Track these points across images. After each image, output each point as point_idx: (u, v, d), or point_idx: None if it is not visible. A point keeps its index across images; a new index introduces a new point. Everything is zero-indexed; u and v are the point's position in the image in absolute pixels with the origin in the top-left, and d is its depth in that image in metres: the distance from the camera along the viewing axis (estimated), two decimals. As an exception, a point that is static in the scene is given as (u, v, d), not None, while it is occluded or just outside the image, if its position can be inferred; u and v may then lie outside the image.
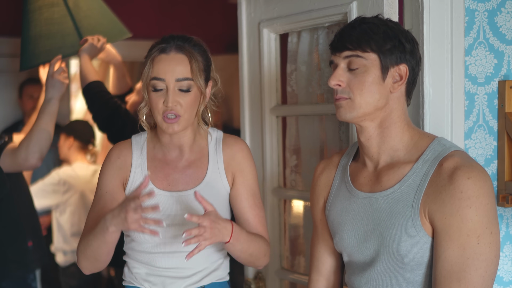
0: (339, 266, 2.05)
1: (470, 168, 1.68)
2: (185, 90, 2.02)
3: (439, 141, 1.80)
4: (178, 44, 2.04)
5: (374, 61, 1.77)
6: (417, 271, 1.75)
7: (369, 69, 1.77)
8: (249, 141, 2.73)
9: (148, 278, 2.11)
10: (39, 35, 3.15)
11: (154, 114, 2.05)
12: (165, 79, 2.01)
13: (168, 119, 2.01)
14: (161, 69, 2.01)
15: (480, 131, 2.13)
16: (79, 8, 3.23)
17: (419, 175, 1.75)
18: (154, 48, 2.06)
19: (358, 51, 1.77)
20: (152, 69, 2.03)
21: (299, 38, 2.57)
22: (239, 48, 2.73)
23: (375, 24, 1.78)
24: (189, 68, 2.02)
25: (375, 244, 1.81)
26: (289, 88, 2.64)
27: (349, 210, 1.89)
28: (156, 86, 2.02)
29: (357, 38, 1.77)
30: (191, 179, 2.10)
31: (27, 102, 4.88)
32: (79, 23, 3.20)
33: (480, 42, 2.11)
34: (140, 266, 2.12)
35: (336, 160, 2.03)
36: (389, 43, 1.76)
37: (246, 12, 2.69)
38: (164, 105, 2.00)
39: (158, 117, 2.03)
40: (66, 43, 3.16)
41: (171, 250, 2.06)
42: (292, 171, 2.68)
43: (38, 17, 3.15)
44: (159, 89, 2.01)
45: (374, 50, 1.76)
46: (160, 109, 2.01)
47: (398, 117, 1.82)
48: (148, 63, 2.05)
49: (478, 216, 1.65)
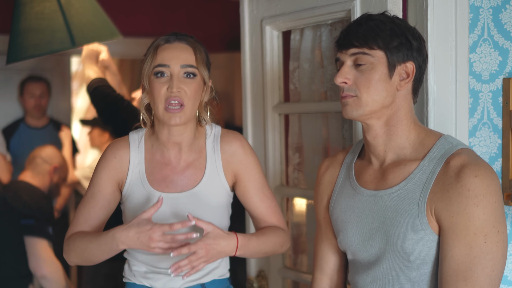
0: (342, 265, 2.03)
1: (477, 166, 1.67)
2: (190, 76, 2.00)
3: (445, 139, 1.79)
4: (181, 37, 2.03)
5: (381, 59, 1.75)
6: (423, 269, 1.74)
7: (375, 67, 1.75)
8: (251, 139, 2.72)
9: (148, 275, 2.11)
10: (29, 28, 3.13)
11: (156, 104, 2.00)
12: (169, 65, 1.98)
13: (172, 109, 1.97)
14: (165, 55, 1.99)
15: (485, 129, 2.12)
16: (70, 5, 3.21)
17: (426, 173, 1.74)
18: (155, 41, 2.05)
19: (364, 48, 1.75)
20: (155, 57, 2.00)
21: (302, 35, 2.55)
22: (242, 45, 2.71)
23: (382, 21, 1.77)
24: (194, 57, 2.01)
25: (380, 242, 1.80)
26: (292, 85, 2.63)
27: (354, 208, 1.88)
28: (160, 72, 1.98)
29: (364, 35, 1.75)
30: (190, 181, 2.08)
31: (29, 101, 4.88)
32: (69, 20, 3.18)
33: (485, 39, 2.10)
34: (140, 265, 2.12)
35: (340, 158, 2.02)
36: (396, 40, 1.75)
37: (248, 9, 2.67)
38: (168, 91, 1.97)
39: (159, 106, 1.98)
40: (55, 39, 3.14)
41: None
42: (294, 169, 2.66)
43: (29, 10, 3.14)
44: (163, 75, 1.98)
45: (381, 47, 1.75)
46: (163, 96, 1.97)
47: (404, 115, 1.80)
48: (151, 53, 2.01)
49: (485, 215, 1.64)
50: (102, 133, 4.87)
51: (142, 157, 2.09)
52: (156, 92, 1.98)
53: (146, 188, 2.07)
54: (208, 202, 2.08)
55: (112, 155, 2.10)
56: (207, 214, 2.05)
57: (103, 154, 2.12)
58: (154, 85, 1.99)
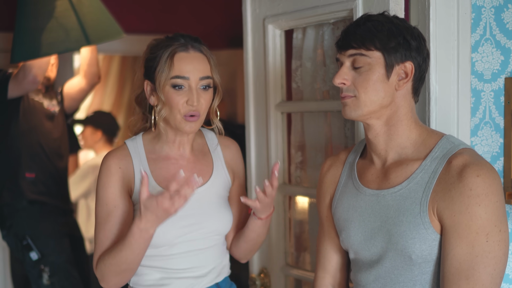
0: (345, 264, 2.05)
1: (479, 165, 1.68)
2: (207, 88, 2.00)
3: (447, 139, 1.80)
4: (193, 44, 2.01)
5: (379, 59, 1.76)
6: (425, 268, 1.75)
7: (373, 67, 1.76)
8: (254, 138, 2.72)
9: (163, 282, 2.05)
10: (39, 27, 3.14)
11: (173, 114, 1.98)
12: (189, 78, 1.96)
13: (190, 117, 1.97)
14: (183, 67, 1.96)
15: (486, 128, 2.12)
16: (81, 3, 3.23)
17: (428, 172, 1.75)
18: (166, 46, 1.99)
19: (362, 50, 1.76)
20: (172, 67, 1.96)
21: (304, 34, 2.56)
22: (244, 44, 2.72)
23: (380, 22, 1.77)
24: (209, 67, 2.01)
25: (382, 241, 1.81)
26: (294, 84, 2.64)
27: (356, 207, 1.89)
28: (179, 84, 1.96)
29: (361, 37, 1.76)
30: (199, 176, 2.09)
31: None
32: (82, 18, 3.20)
33: (487, 39, 2.11)
34: (153, 272, 2.05)
35: (343, 157, 2.03)
36: (394, 41, 1.75)
37: (251, 8, 2.68)
38: (188, 104, 1.95)
39: (177, 116, 1.97)
40: (70, 37, 3.15)
41: (186, 250, 2.03)
42: (297, 167, 2.67)
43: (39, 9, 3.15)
44: (181, 88, 1.96)
45: (378, 48, 1.75)
46: (182, 109, 1.96)
47: (404, 114, 1.81)
48: (167, 61, 1.96)
49: (487, 214, 1.65)
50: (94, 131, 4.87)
51: (144, 161, 2.06)
52: (174, 104, 1.96)
53: (156, 189, 2.02)
54: (220, 194, 2.11)
55: (116, 166, 2.02)
56: (222, 206, 2.09)
57: (105, 169, 2.03)
58: (172, 97, 1.96)
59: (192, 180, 1.77)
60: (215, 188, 2.09)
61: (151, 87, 2.02)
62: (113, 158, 2.04)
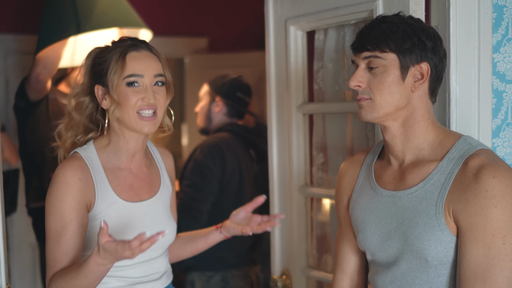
0: (363, 265, 2.04)
1: (496, 167, 1.66)
2: (159, 84, 2.01)
3: (465, 140, 1.78)
4: (142, 44, 2.02)
5: (393, 61, 1.75)
6: (441, 271, 1.73)
7: (388, 69, 1.75)
8: (276, 139, 2.73)
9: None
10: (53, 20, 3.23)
11: (127, 113, 1.96)
12: (143, 75, 1.97)
13: (146, 117, 1.97)
14: (136, 66, 1.97)
15: (509, 130, 2.09)
16: None
17: (444, 173, 1.73)
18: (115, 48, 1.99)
19: (376, 52, 1.76)
20: (125, 67, 1.96)
21: (326, 35, 2.55)
22: (266, 45, 2.73)
23: (395, 23, 1.76)
24: (161, 65, 2.03)
25: (398, 243, 1.79)
26: (316, 85, 2.63)
27: (373, 208, 1.88)
28: (133, 82, 1.96)
29: (376, 39, 1.75)
30: (152, 186, 2.12)
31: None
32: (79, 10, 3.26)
33: (509, 39, 2.08)
34: (112, 281, 2.02)
35: (361, 158, 2.02)
36: (408, 42, 1.74)
37: (273, 10, 2.68)
38: (144, 101, 1.95)
39: (132, 115, 1.96)
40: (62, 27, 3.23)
41: (143, 260, 2.04)
42: (318, 169, 2.67)
43: None
44: (136, 85, 1.97)
45: (393, 50, 1.74)
46: (136, 106, 1.95)
47: (421, 115, 1.80)
48: (119, 61, 1.96)
49: (504, 216, 1.63)
50: None
51: (102, 173, 2.01)
52: (129, 102, 1.95)
53: (117, 201, 2.00)
54: (167, 204, 2.17)
55: (76, 177, 1.93)
56: (169, 216, 2.16)
57: (61, 180, 1.93)
58: (128, 95, 1.95)
59: (155, 237, 1.67)
60: (162, 198, 2.13)
61: (103, 91, 2.01)
62: (71, 169, 1.95)
